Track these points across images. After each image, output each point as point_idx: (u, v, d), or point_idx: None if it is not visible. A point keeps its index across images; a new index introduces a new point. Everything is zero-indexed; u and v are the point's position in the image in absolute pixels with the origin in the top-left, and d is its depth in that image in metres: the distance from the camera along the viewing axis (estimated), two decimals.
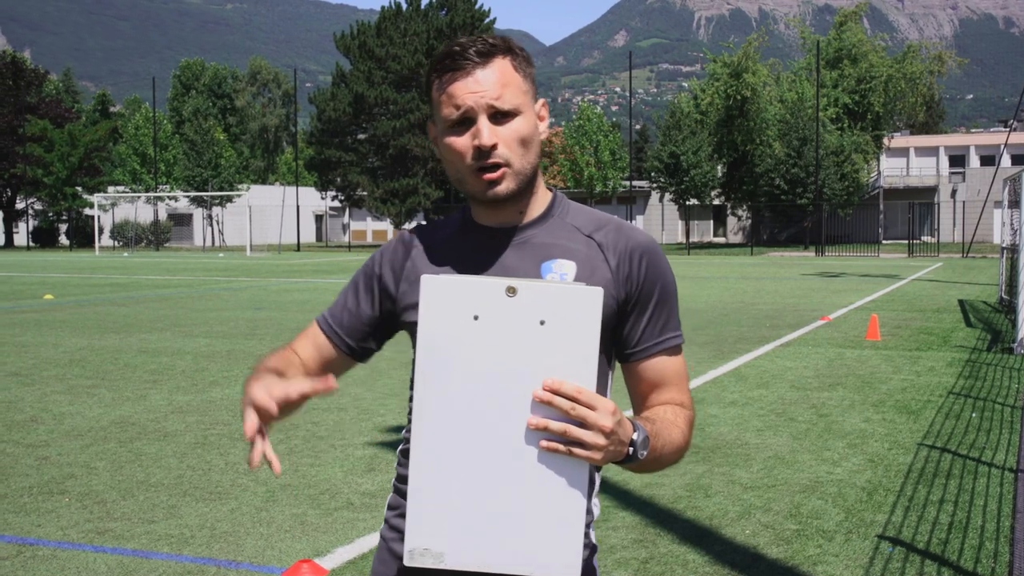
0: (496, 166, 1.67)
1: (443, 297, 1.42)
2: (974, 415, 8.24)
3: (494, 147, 1.66)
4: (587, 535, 1.79)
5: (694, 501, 5.73)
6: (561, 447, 1.43)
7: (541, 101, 1.78)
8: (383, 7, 65.26)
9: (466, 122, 1.67)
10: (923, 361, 11.40)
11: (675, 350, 1.78)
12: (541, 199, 1.80)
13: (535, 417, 1.42)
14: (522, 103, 1.70)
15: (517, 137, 1.68)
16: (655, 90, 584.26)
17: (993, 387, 9.67)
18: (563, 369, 1.41)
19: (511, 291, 1.40)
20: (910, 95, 64.61)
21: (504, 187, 1.69)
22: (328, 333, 1.88)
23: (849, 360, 11.52)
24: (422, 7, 64.91)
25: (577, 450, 1.44)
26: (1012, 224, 17.06)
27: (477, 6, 65.14)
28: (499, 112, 1.67)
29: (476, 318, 1.41)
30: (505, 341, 1.41)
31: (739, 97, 60.93)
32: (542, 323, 1.40)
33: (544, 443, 1.43)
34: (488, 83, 1.66)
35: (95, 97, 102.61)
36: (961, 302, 19.39)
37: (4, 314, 17.59)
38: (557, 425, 1.43)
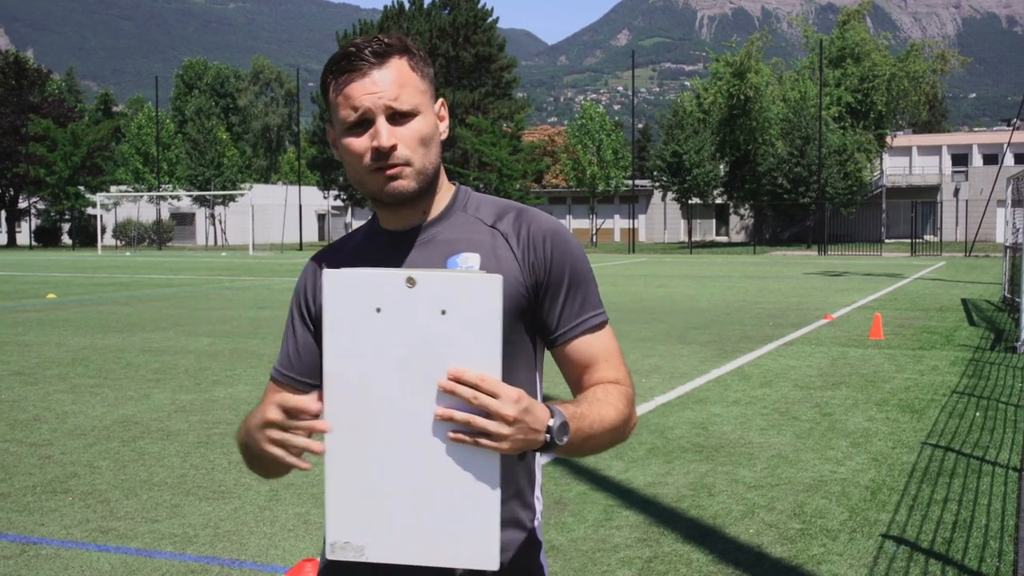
0: (395, 165, 1.66)
1: (345, 290, 1.42)
2: (978, 414, 8.23)
3: (393, 148, 1.64)
4: (531, 531, 1.76)
5: (698, 500, 5.73)
6: (467, 438, 1.41)
7: (440, 100, 1.76)
8: (386, 6, 65.25)
9: (364, 123, 1.65)
10: (926, 360, 11.39)
11: (598, 327, 1.75)
12: (443, 196, 1.79)
13: (440, 408, 1.41)
14: (420, 103, 1.68)
15: (417, 137, 1.67)
16: (658, 89, 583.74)
17: (997, 386, 9.66)
18: (467, 358, 1.40)
19: (411, 282, 1.40)
20: (913, 94, 64.51)
21: (404, 184, 1.67)
22: (284, 382, 1.83)
23: (852, 359, 11.51)
24: (425, 6, 64.94)
25: (483, 440, 1.41)
26: (1015, 223, 17.04)
27: (480, 5, 65.15)
28: (397, 113, 1.65)
29: (379, 310, 1.42)
30: (408, 332, 1.41)
31: (742, 96, 60.85)
32: (443, 312, 1.40)
33: (450, 434, 1.42)
34: (385, 84, 1.64)
35: (98, 96, 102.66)
36: (964, 301, 19.37)
37: (7, 313, 17.61)
38: (461, 415, 1.41)
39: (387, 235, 1.78)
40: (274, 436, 1.49)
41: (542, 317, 1.74)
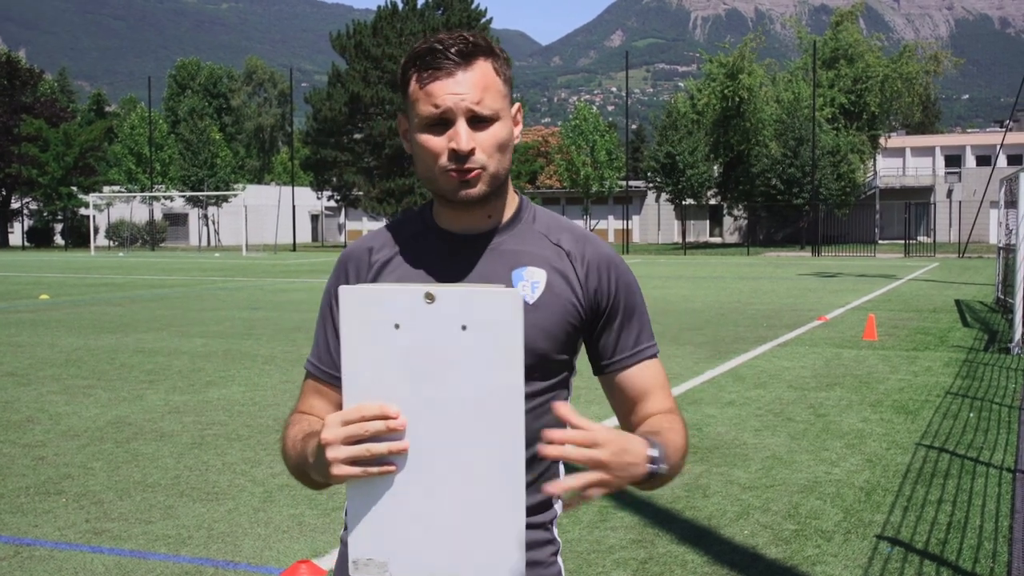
0: (471, 169, 1.64)
1: (362, 307, 1.41)
2: (972, 415, 8.25)
3: (471, 152, 1.63)
4: (550, 531, 1.77)
5: (692, 501, 5.73)
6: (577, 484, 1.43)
7: (517, 105, 1.75)
8: (379, 7, 65.20)
9: (444, 123, 1.64)
10: (920, 361, 11.41)
11: (651, 358, 1.78)
12: (510, 204, 1.77)
13: (554, 447, 1.41)
14: (501, 108, 1.66)
15: (495, 143, 1.65)
16: (651, 90, 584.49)
17: (990, 387, 9.68)
18: (488, 373, 1.39)
19: (429, 297, 1.39)
20: (906, 95, 64.63)
21: (477, 189, 1.66)
22: (323, 378, 1.79)
23: (846, 360, 11.53)
24: (418, 7, 64.87)
25: (592, 491, 1.43)
26: (1008, 224, 17.08)
27: (473, 6, 65.12)
28: (478, 117, 1.63)
29: (397, 326, 1.40)
30: (428, 348, 1.40)
31: (735, 97, 60.94)
32: (464, 328, 1.39)
33: (558, 491, 1.44)
34: (469, 86, 1.62)
35: (90, 97, 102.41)
36: (958, 302, 19.41)
37: (0, 314, 17.56)
38: (579, 483, 1.42)
39: (446, 236, 1.75)
40: (342, 455, 1.40)
41: (599, 344, 1.76)
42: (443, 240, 1.75)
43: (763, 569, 4.66)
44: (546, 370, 1.70)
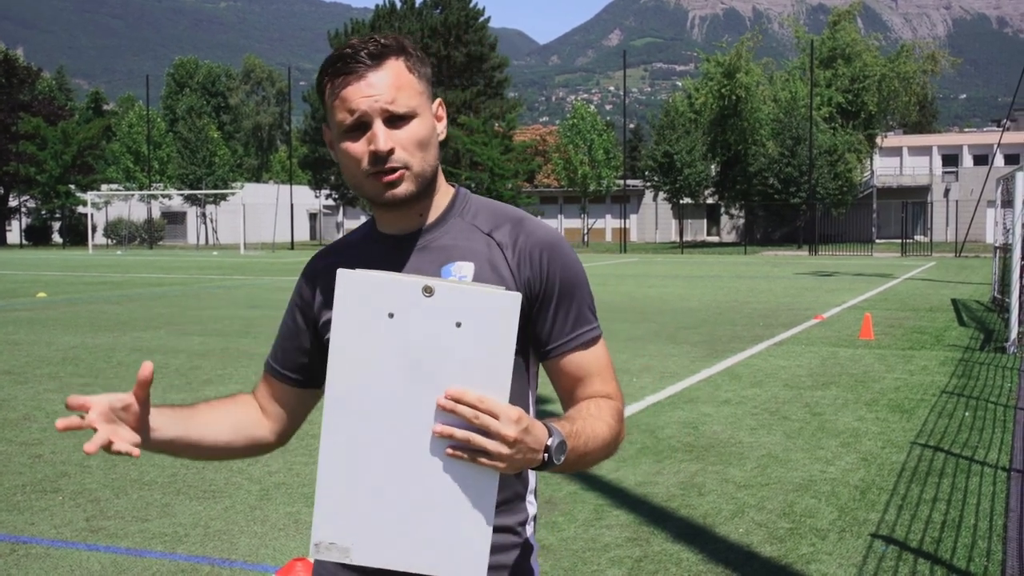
0: (394, 169, 1.64)
1: (358, 293, 1.42)
2: (967, 414, 8.26)
3: (391, 152, 1.63)
4: (523, 534, 1.75)
5: (688, 500, 5.74)
6: (465, 455, 1.42)
7: (438, 100, 1.75)
8: (377, 5, 65.21)
9: (361, 127, 1.64)
10: (916, 360, 11.42)
11: (591, 343, 1.74)
12: (441, 199, 1.77)
13: (439, 424, 1.41)
14: (418, 104, 1.66)
15: (414, 140, 1.65)
16: (649, 89, 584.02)
17: (986, 386, 9.69)
18: (477, 373, 1.40)
19: (428, 291, 1.39)
20: (903, 94, 64.63)
21: (403, 189, 1.66)
22: (273, 374, 1.90)
23: (842, 359, 11.54)
24: (416, 6, 64.89)
25: (482, 459, 1.42)
26: (1005, 224, 17.09)
27: (471, 5, 65.12)
28: (394, 116, 1.63)
29: (391, 316, 1.41)
30: (419, 341, 1.40)
31: (733, 96, 60.93)
32: (458, 325, 1.39)
33: (449, 450, 1.42)
34: (381, 86, 1.62)
35: (88, 95, 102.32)
36: (954, 301, 19.43)
37: None
38: (461, 433, 1.41)
39: (386, 239, 1.76)
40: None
41: (535, 331, 1.72)
42: (381, 243, 1.77)
43: (758, 567, 4.68)
44: None
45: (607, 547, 4.92)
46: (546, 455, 1.49)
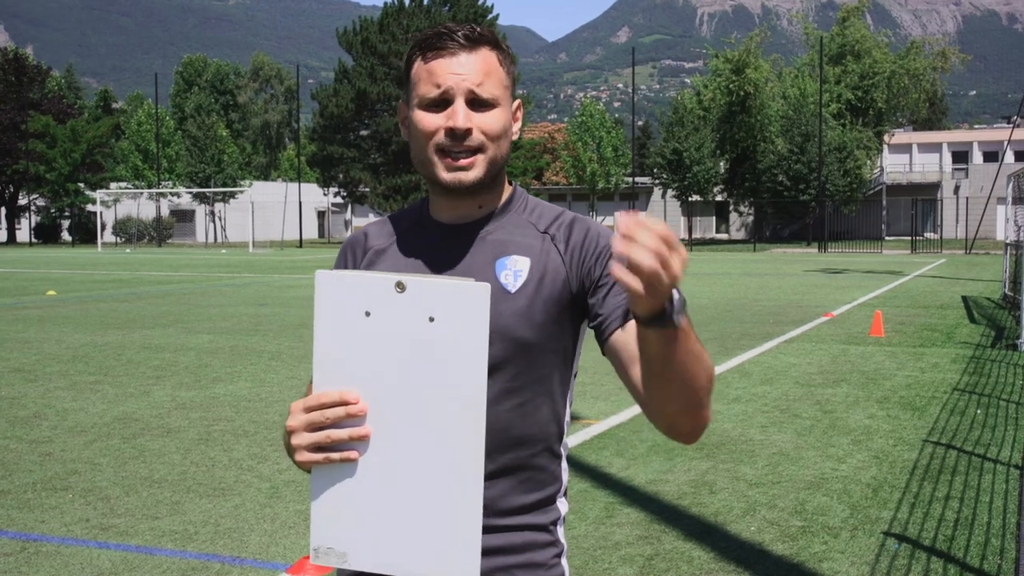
0: (469, 152, 1.63)
1: (335, 292, 1.41)
2: (979, 411, 8.23)
3: (468, 132, 1.62)
4: (553, 532, 1.72)
5: (699, 498, 5.72)
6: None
7: (517, 102, 1.74)
8: (386, 3, 65.15)
9: (443, 103, 1.63)
10: (927, 357, 11.38)
11: None
12: (501, 194, 1.76)
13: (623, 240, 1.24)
14: (501, 96, 1.66)
15: (493, 127, 1.64)
16: (658, 86, 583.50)
17: (998, 384, 9.65)
18: (454, 365, 1.39)
19: (400, 287, 1.39)
20: (913, 91, 64.50)
21: (473, 175, 1.64)
22: None
23: (853, 356, 11.50)
24: (424, 3, 64.88)
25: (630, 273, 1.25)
26: (1016, 220, 17.04)
27: (480, 2, 65.11)
28: (478, 99, 1.63)
29: (368, 314, 1.40)
30: (396, 337, 1.40)
31: (741, 93, 60.82)
32: (431, 319, 1.39)
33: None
34: (471, 68, 1.62)
35: (97, 93, 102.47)
36: (965, 298, 19.36)
37: (7, 310, 17.60)
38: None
39: (439, 227, 1.75)
40: (304, 442, 1.43)
41: (591, 316, 1.67)
42: (435, 231, 1.75)
43: (770, 565, 4.66)
44: (531, 362, 1.65)
45: (618, 545, 4.90)
46: (669, 305, 1.33)
